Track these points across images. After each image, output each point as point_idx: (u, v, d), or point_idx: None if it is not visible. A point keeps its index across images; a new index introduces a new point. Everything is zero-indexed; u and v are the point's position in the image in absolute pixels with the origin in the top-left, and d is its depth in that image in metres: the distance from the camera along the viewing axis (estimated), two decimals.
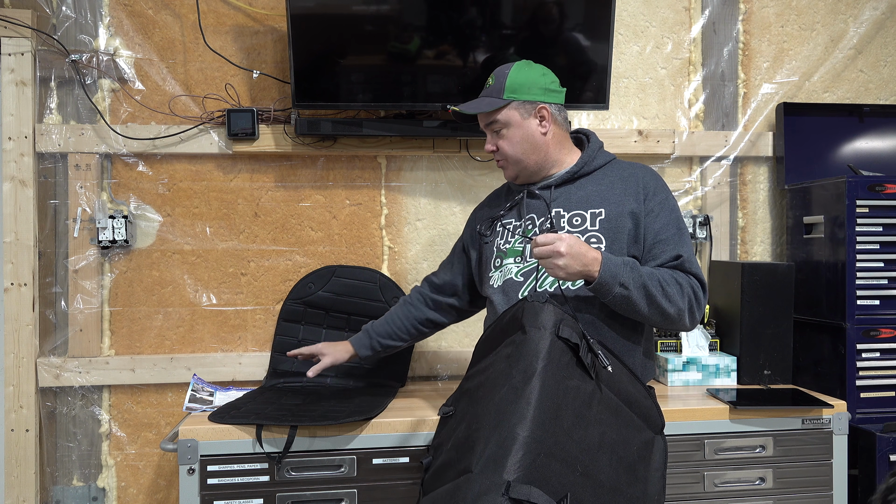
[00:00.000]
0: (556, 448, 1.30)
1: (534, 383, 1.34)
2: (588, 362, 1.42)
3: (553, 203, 1.69)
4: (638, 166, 1.75)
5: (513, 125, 1.68)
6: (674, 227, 1.67)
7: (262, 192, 2.42)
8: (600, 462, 1.37)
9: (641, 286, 1.52)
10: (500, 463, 1.25)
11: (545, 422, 1.31)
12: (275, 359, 2.28)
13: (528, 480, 1.23)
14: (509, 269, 1.65)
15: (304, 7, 2.18)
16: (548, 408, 1.33)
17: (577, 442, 1.34)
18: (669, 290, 1.56)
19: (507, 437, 1.28)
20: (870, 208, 2.23)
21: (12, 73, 2.26)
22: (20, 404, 2.26)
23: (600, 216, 1.64)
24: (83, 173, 2.32)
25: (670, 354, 2.32)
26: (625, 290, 1.50)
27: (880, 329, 2.23)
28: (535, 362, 1.37)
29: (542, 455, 1.28)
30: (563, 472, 1.30)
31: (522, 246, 1.66)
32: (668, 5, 2.58)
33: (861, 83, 2.69)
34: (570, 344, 1.41)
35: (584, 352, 1.42)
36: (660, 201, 1.69)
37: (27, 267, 2.27)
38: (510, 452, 1.26)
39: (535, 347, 1.39)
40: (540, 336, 1.40)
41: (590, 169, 1.72)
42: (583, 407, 1.39)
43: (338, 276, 2.33)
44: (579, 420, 1.37)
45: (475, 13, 2.23)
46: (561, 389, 1.36)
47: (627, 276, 1.51)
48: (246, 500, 1.82)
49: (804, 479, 2.01)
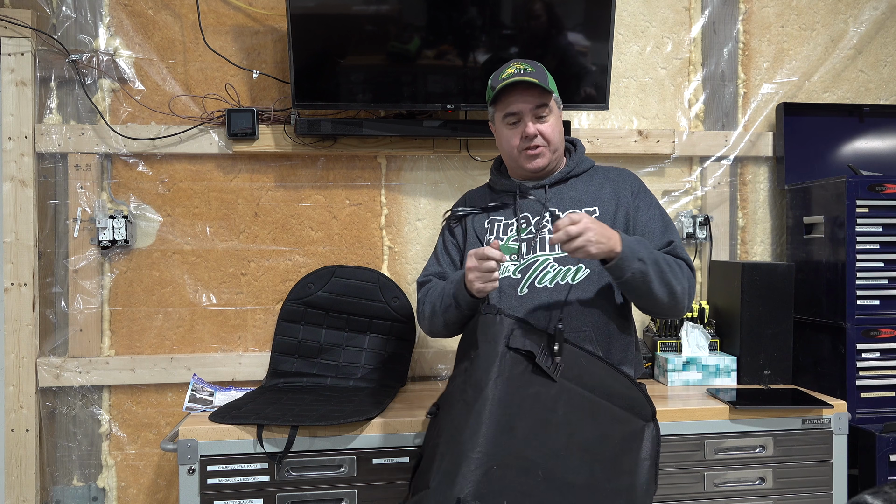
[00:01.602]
0: (510, 458, 1.35)
1: (483, 398, 1.39)
2: (547, 366, 1.44)
3: (548, 202, 1.70)
4: (620, 169, 1.80)
5: (553, 114, 1.70)
6: (660, 218, 1.73)
7: (262, 192, 2.42)
8: (570, 463, 1.39)
9: (654, 262, 1.54)
10: (452, 479, 1.32)
11: (496, 435, 1.36)
12: (275, 359, 2.28)
13: (480, 494, 1.29)
14: (505, 266, 1.65)
15: (304, 7, 2.18)
16: (499, 421, 1.37)
17: (537, 448, 1.38)
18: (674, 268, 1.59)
19: (459, 452, 1.34)
20: (870, 208, 2.22)
21: (12, 73, 2.26)
22: (20, 404, 2.26)
23: (595, 214, 1.67)
24: (83, 173, 2.32)
25: (670, 354, 2.32)
26: (643, 264, 1.51)
27: (880, 329, 2.23)
28: (484, 377, 1.42)
29: (495, 468, 1.33)
30: (523, 479, 1.34)
31: (518, 244, 1.66)
32: (668, 5, 2.58)
33: (861, 83, 2.69)
34: (522, 353, 1.44)
35: (542, 357, 1.44)
36: (645, 198, 1.75)
37: (27, 267, 2.27)
38: (460, 469, 1.32)
39: (485, 362, 1.44)
40: (490, 350, 1.45)
41: (579, 171, 1.76)
42: (545, 412, 1.42)
43: (338, 276, 2.33)
44: (541, 426, 1.41)
45: (475, 13, 2.23)
46: (516, 400, 1.41)
47: (643, 251, 1.52)
48: (246, 500, 1.82)
49: (804, 479, 2.01)
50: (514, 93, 1.67)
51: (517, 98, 1.67)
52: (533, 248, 1.65)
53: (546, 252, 1.65)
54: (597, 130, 2.49)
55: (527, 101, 1.67)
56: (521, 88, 1.66)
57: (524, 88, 1.66)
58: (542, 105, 1.67)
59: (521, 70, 1.66)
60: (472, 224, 1.77)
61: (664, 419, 1.95)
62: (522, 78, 1.63)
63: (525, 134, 1.67)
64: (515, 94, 1.67)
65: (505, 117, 1.70)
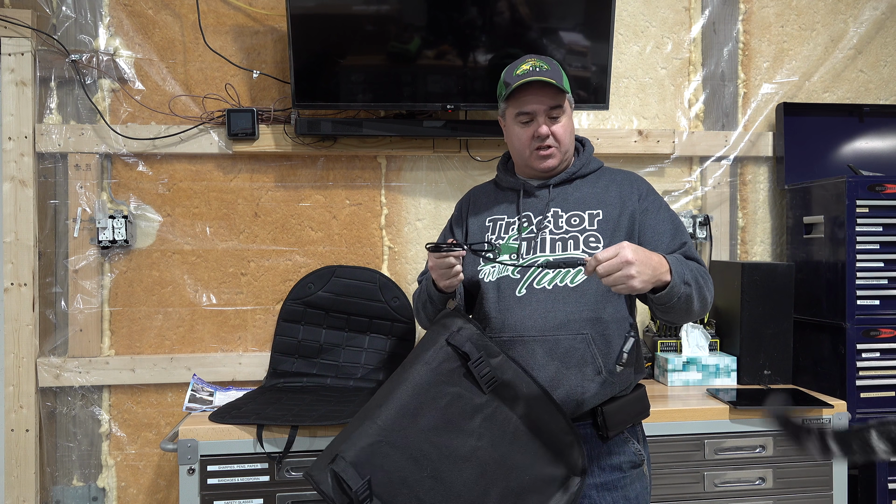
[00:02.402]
0: (403, 442, 1.38)
1: (403, 378, 1.44)
2: (480, 375, 1.44)
3: (551, 202, 1.68)
4: (628, 172, 1.76)
5: (566, 115, 1.68)
6: (670, 221, 1.68)
7: (262, 192, 2.42)
8: (462, 474, 1.39)
9: (694, 280, 1.50)
10: (344, 438, 1.39)
11: (399, 416, 1.39)
12: (275, 359, 2.28)
13: (358, 460, 1.35)
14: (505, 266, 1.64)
15: (304, 7, 2.18)
16: (407, 404, 1.41)
17: (434, 445, 1.39)
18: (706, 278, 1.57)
19: (361, 418, 1.41)
20: (870, 208, 2.23)
21: (12, 73, 2.26)
22: (20, 404, 2.26)
23: (598, 217, 1.64)
24: (83, 173, 2.32)
25: (670, 354, 2.32)
26: (688, 287, 1.46)
27: (880, 329, 2.23)
28: (413, 360, 1.47)
29: (383, 443, 1.37)
30: (407, 466, 1.37)
31: (518, 242, 1.65)
32: (668, 5, 2.58)
33: (861, 83, 2.69)
34: (458, 352, 1.45)
35: (477, 364, 1.44)
36: (653, 201, 1.70)
37: (27, 267, 2.27)
38: (354, 432, 1.38)
39: (421, 348, 1.48)
40: (430, 338, 1.48)
41: (585, 172, 1.72)
42: (459, 415, 1.42)
43: (338, 277, 2.33)
44: (448, 426, 1.41)
45: (475, 13, 2.23)
46: (433, 392, 1.42)
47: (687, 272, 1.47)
48: (246, 500, 1.82)
49: (804, 479, 2.01)
50: (529, 92, 1.63)
51: (532, 98, 1.64)
52: (533, 249, 1.64)
53: (546, 253, 1.63)
54: (597, 130, 2.49)
55: (541, 101, 1.63)
56: (537, 88, 1.63)
57: (539, 88, 1.63)
58: (557, 106, 1.64)
59: (537, 67, 1.63)
60: (474, 222, 1.75)
61: (664, 419, 1.96)
62: (539, 77, 1.60)
63: (537, 134, 1.64)
64: (530, 94, 1.63)
65: (517, 115, 1.67)
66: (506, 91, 1.66)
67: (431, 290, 1.63)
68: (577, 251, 1.58)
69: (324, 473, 1.36)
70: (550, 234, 1.62)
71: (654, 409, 1.72)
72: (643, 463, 1.59)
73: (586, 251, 1.57)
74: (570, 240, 1.60)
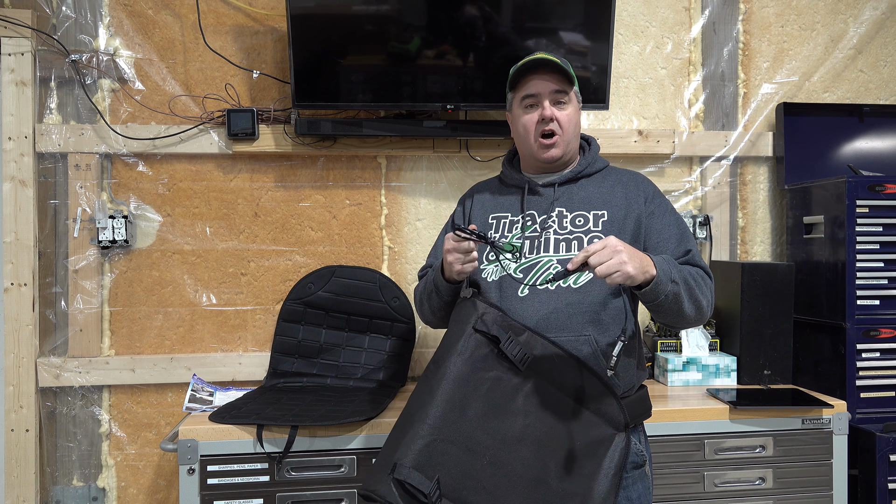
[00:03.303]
0: (457, 436, 1.37)
1: (440, 374, 1.42)
2: (513, 354, 1.44)
3: (556, 202, 1.67)
4: (634, 173, 1.75)
5: (573, 105, 1.67)
6: (676, 226, 1.67)
7: (262, 192, 2.42)
8: (520, 453, 1.39)
9: (684, 280, 1.51)
10: (396, 446, 1.36)
11: (446, 412, 1.38)
12: (275, 359, 2.28)
13: (418, 463, 1.32)
14: (507, 264, 1.63)
15: (304, 7, 2.18)
16: (451, 398, 1.39)
17: (486, 432, 1.39)
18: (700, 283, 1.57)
19: (408, 423, 1.39)
20: (870, 208, 2.23)
21: (12, 73, 2.26)
22: (20, 404, 2.26)
23: (603, 217, 1.63)
24: (83, 173, 2.32)
25: (670, 354, 2.32)
26: (676, 285, 1.48)
27: (880, 329, 2.23)
28: (446, 354, 1.45)
29: (438, 441, 1.35)
30: (466, 459, 1.36)
31: (521, 242, 1.64)
32: (668, 5, 2.58)
33: (861, 83, 2.69)
34: (488, 336, 1.45)
35: (508, 344, 1.45)
36: (660, 203, 1.69)
37: (27, 267, 2.27)
38: (405, 437, 1.36)
39: (450, 341, 1.46)
40: (457, 330, 1.47)
41: (591, 171, 1.71)
42: (503, 398, 1.42)
43: (338, 277, 2.33)
44: (495, 411, 1.41)
45: (475, 13, 2.23)
46: (473, 381, 1.42)
47: (674, 272, 1.49)
48: (246, 500, 1.82)
49: (804, 479, 2.01)
50: (535, 75, 1.64)
51: (537, 80, 1.64)
52: (537, 249, 1.63)
53: (550, 253, 1.62)
54: (597, 130, 2.49)
55: (546, 83, 1.64)
56: (542, 71, 1.63)
57: (545, 71, 1.63)
58: (562, 91, 1.64)
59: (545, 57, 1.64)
60: (478, 219, 1.75)
61: (664, 419, 1.96)
62: (544, 55, 1.61)
63: (541, 116, 1.63)
64: (535, 77, 1.64)
65: (523, 99, 1.66)
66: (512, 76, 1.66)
67: (439, 280, 1.62)
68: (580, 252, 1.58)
69: (386, 486, 1.31)
70: (555, 234, 1.62)
71: (654, 409, 1.72)
72: (645, 463, 1.59)
73: None
74: (574, 240, 1.59)
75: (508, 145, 2.46)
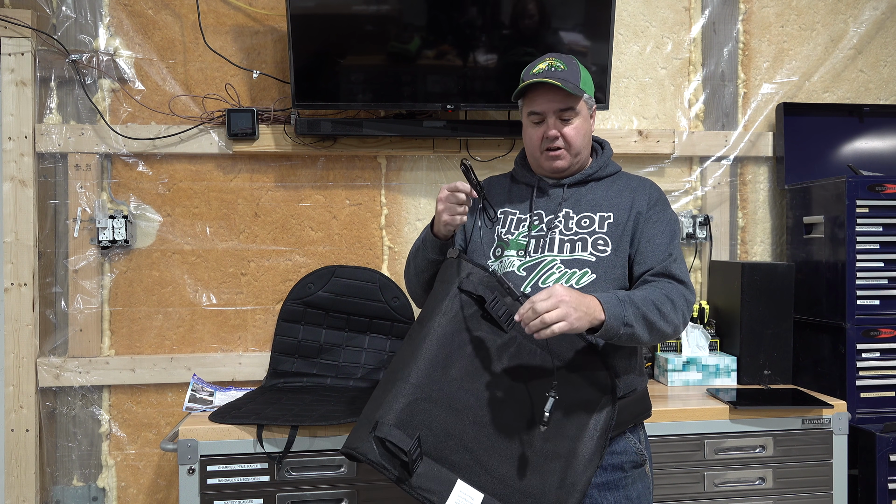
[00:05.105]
0: (439, 395, 1.37)
1: (424, 332, 1.41)
2: (499, 314, 1.43)
3: (564, 203, 1.68)
4: (645, 179, 1.75)
5: (580, 117, 1.66)
6: (668, 234, 1.66)
7: (262, 192, 2.42)
8: (504, 414, 1.39)
9: (641, 318, 1.48)
10: (378, 404, 1.36)
11: (429, 370, 1.37)
12: (275, 359, 2.28)
13: (399, 421, 1.32)
14: (511, 261, 1.64)
15: (304, 7, 2.18)
16: (434, 356, 1.39)
17: (469, 391, 1.39)
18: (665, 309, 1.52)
19: (391, 381, 1.38)
20: (870, 208, 2.23)
21: (12, 73, 2.26)
22: (20, 404, 2.26)
23: (609, 220, 1.64)
24: (83, 173, 2.32)
25: (670, 354, 2.32)
26: (629, 328, 1.46)
27: (880, 329, 2.23)
28: (430, 313, 1.44)
29: (420, 399, 1.35)
30: (448, 418, 1.36)
31: (526, 240, 1.65)
32: (668, 5, 2.58)
33: (861, 83, 2.69)
34: (473, 296, 1.44)
35: (494, 304, 1.44)
36: (660, 210, 1.69)
37: (27, 267, 2.27)
38: (387, 395, 1.35)
39: (435, 301, 1.46)
40: (442, 289, 1.46)
41: (601, 175, 1.72)
42: (487, 358, 1.42)
43: (338, 276, 2.33)
44: (479, 371, 1.41)
45: (475, 13, 2.23)
46: (457, 340, 1.41)
47: (629, 314, 1.46)
48: (246, 500, 1.82)
49: (804, 479, 2.01)
50: (540, 92, 1.63)
51: (542, 98, 1.63)
52: (541, 248, 1.64)
53: (554, 253, 1.63)
54: (597, 130, 2.49)
55: (551, 102, 1.63)
56: (547, 88, 1.62)
57: (550, 88, 1.62)
58: (568, 108, 1.63)
59: (553, 67, 1.63)
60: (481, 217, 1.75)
61: (664, 419, 1.96)
62: (546, 80, 1.59)
63: (546, 135, 1.64)
64: (540, 94, 1.63)
65: (529, 114, 1.67)
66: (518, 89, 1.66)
67: (427, 234, 1.61)
68: (584, 252, 1.58)
69: (367, 443, 1.31)
70: (560, 234, 1.63)
71: (654, 409, 1.72)
72: (645, 463, 1.59)
73: (594, 253, 1.58)
74: (579, 241, 1.60)
75: (508, 145, 2.46)
